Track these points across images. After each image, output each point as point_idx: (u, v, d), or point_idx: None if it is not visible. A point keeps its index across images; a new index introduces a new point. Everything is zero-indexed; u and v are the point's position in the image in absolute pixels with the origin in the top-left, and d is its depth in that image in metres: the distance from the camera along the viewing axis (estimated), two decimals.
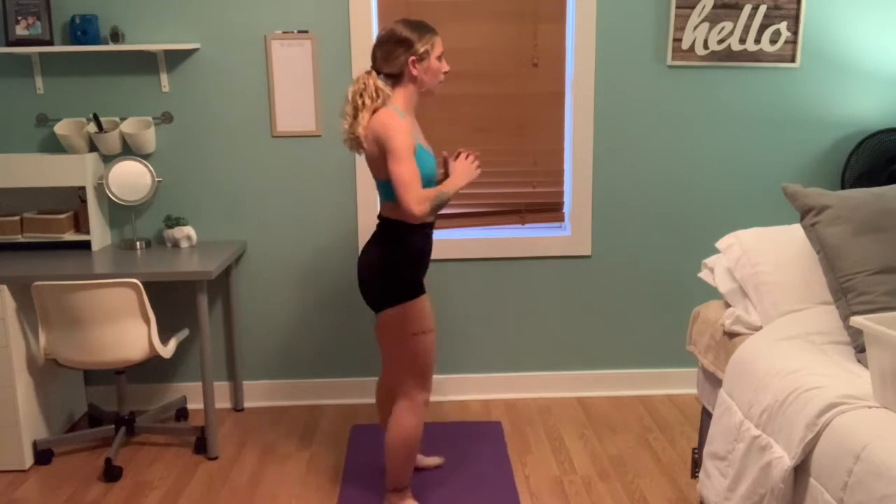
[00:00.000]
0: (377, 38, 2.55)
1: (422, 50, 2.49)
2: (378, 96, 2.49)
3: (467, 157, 2.61)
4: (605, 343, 3.80)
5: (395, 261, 2.55)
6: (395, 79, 2.54)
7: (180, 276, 3.07)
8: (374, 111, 2.49)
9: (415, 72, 2.51)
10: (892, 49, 3.61)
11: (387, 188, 2.53)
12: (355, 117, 2.50)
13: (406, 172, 2.38)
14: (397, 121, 2.43)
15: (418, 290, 2.58)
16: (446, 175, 2.73)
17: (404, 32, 2.49)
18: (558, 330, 3.77)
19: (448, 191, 2.49)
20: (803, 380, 2.01)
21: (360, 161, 3.56)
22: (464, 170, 2.58)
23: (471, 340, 3.75)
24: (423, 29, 2.51)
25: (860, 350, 2.12)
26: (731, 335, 2.53)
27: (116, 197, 3.43)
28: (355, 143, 2.53)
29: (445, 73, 2.59)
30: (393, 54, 2.49)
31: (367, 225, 3.61)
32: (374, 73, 2.53)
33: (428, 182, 2.53)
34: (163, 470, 3.15)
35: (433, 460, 3.10)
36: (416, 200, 2.37)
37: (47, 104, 3.49)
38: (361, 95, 2.49)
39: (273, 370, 3.76)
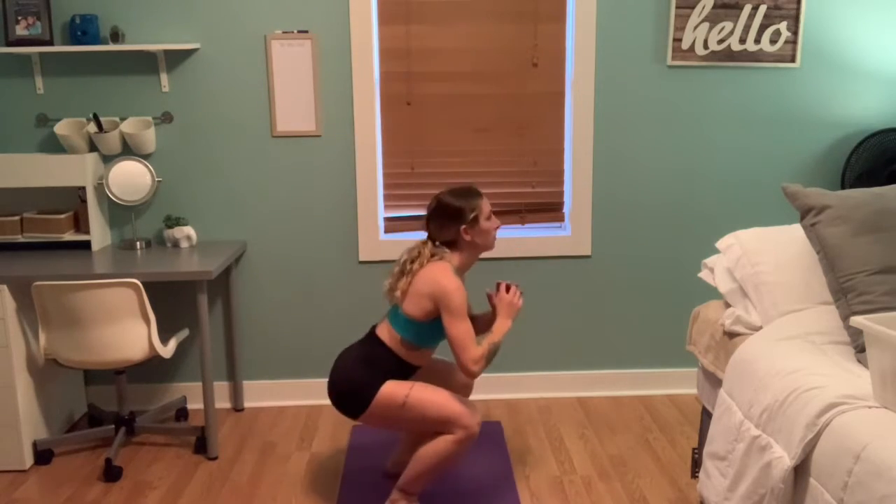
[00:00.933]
0: (428, 211, 2.68)
1: (471, 217, 2.62)
2: (433, 257, 2.63)
3: (508, 289, 2.68)
4: (605, 343, 3.80)
5: (371, 382, 2.58)
6: (450, 245, 2.67)
7: (180, 276, 3.07)
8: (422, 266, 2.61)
9: (468, 237, 2.63)
10: (892, 49, 3.61)
11: (411, 327, 2.60)
12: (399, 279, 2.63)
13: (463, 334, 2.50)
14: (452, 279, 2.54)
15: (379, 386, 2.59)
16: (493, 310, 2.76)
17: (453, 203, 2.62)
18: (558, 330, 3.77)
19: (499, 340, 2.58)
20: (803, 380, 2.01)
21: (360, 161, 3.56)
22: (509, 307, 2.65)
23: None
24: (469, 195, 2.64)
25: (860, 350, 2.12)
26: (731, 335, 2.53)
27: (116, 197, 3.43)
28: (393, 298, 2.66)
29: (497, 228, 2.69)
30: (445, 226, 2.63)
31: (366, 224, 3.61)
32: (429, 242, 2.67)
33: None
34: (163, 470, 3.15)
35: None
36: (473, 361, 2.50)
37: (47, 104, 3.49)
38: (413, 262, 2.63)
39: (273, 370, 3.76)
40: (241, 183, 3.58)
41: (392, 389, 2.56)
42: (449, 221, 2.62)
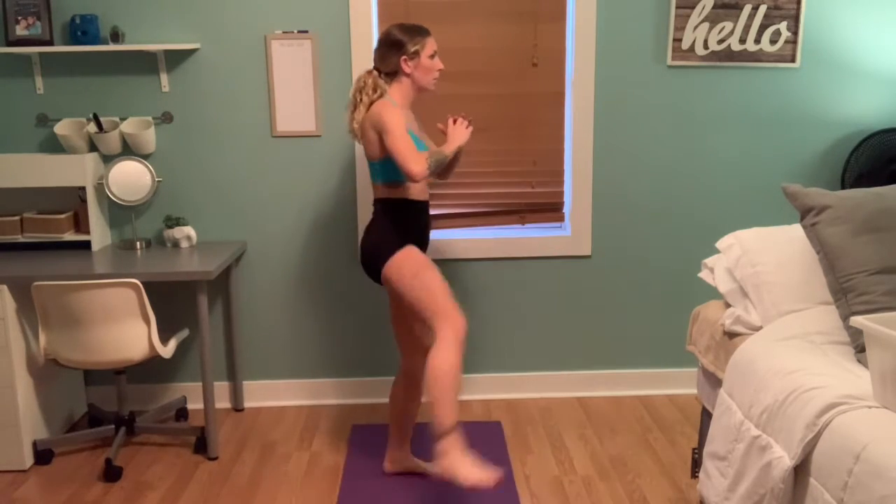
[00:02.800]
0: (377, 41, 2.81)
1: (412, 49, 2.74)
2: (375, 91, 2.76)
3: (456, 121, 2.81)
4: (605, 343, 3.80)
5: (388, 227, 2.75)
6: (392, 76, 2.79)
7: (180, 276, 3.07)
8: (371, 104, 2.74)
9: (406, 69, 2.75)
10: (892, 49, 3.61)
11: (380, 168, 2.74)
12: (353, 112, 2.78)
13: (401, 142, 2.59)
14: (389, 107, 2.66)
15: (403, 243, 2.73)
16: None
17: (396, 34, 2.75)
18: (558, 330, 3.77)
19: (445, 151, 2.72)
20: (803, 380, 2.01)
21: (360, 161, 3.56)
22: (457, 133, 2.79)
23: (471, 340, 3.75)
24: (414, 31, 2.76)
25: (860, 350, 2.12)
26: (731, 335, 2.53)
27: (116, 197, 3.43)
28: (354, 134, 2.79)
29: (440, 70, 2.81)
30: (387, 55, 2.76)
31: (366, 224, 3.60)
32: (374, 72, 2.80)
33: None
34: (163, 470, 3.15)
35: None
36: (415, 161, 2.57)
37: (47, 104, 3.49)
38: (360, 92, 2.78)
39: (273, 370, 3.76)
40: (241, 183, 3.58)
41: (415, 253, 2.72)
42: (391, 51, 2.73)
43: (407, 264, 2.70)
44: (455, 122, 2.82)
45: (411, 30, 2.76)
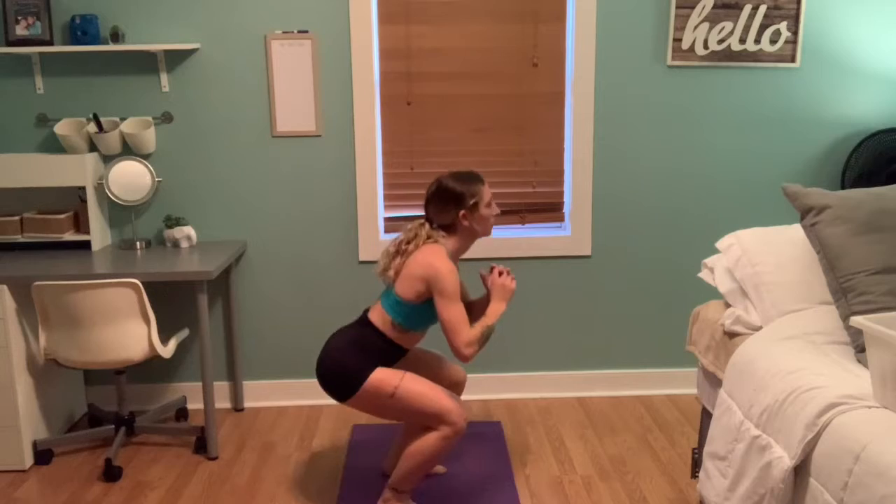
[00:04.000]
0: (428, 193, 2.67)
1: (471, 203, 2.61)
2: (427, 242, 2.62)
3: (500, 273, 2.67)
4: (604, 343, 3.80)
5: (361, 365, 2.56)
6: (448, 228, 2.66)
7: (180, 276, 3.07)
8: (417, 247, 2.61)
9: (466, 223, 2.63)
10: (892, 49, 3.61)
11: (404, 310, 2.59)
12: (394, 259, 2.63)
13: (455, 317, 2.49)
14: (446, 262, 2.53)
15: (371, 368, 2.57)
16: (487, 293, 2.76)
17: (454, 187, 2.61)
18: (558, 330, 3.77)
19: (492, 323, 2.58)
20: (803, 380, 2.01)
21: (360, 161, 3.56)
22: (502, 290, 2.65)
23: None
24: (469, 180, 2.63)
25: (860, 350, 2.12)
26: (731, 335, 2.53)
27: (116, 197, 3.43)
28: (386, 279, 2.66)
29: (496, 216, 2.70)
30: (444, 210, 2.63)
31: (366, 225, 3.61)
32: (426, 224, 2.66)
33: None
34: (163, 470, 3.15)
35: (436, 468, 3.08)
36: (466, 344, 2.50)
37: (47, 104, 3.49)
38: (409, 242, 2.63)
39: (273, 370, 3.76)
40: (241, 183, 3.58)
41: (382, 377, 2.55)
42: (448, 205, 2.61)
43: (380, 389, 2.53)
44: (499, 273, 2.66)
45: (467, 180, 2.62)
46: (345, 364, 2.56)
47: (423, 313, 2.61)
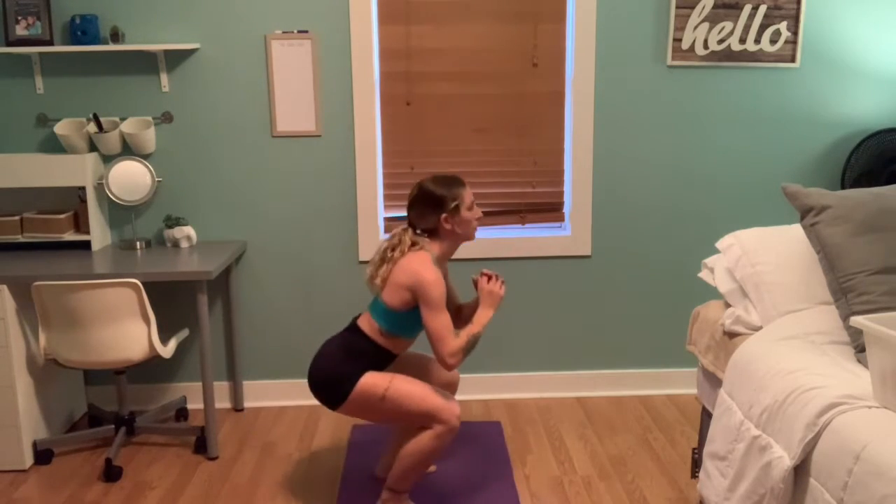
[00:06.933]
0: (409, 198, 2.65)
1: (452, 206, 2.59)
2: (411, 249, 2.59)
3: (490, 279, 2.64)
4: (604, 343, 3.80)
5: (351, 370, 2.56)
6: (431, 233, 2.64)
7: (180, 276, 3.07)
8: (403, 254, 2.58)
9: (448, 226, 2.60)
10: (892, 49, 3.61)
11: (391, 317, 2.59)
12: (380, 267, 2.62)
13: (440, 327, 2.47)
14: (431, 271, 2.50)
15: (361, 373, 2.56)
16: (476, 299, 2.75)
17: (434, 190, 2.59)
18: (558, 330, 3.77)
19: (478, 331, 2.55)
20: (803, 380, 2.01)
21: (360, 161, 3.56)
22: (490, 296, 2.62)
23: None
24: (450, 184, 2.61)
25: (860, 350, 2.12)
26: (731, 335, 2.53)
27: (116, 197, 3.43)
28: (374, 287, 2.64)
29: (479, 219, 2.66)
30: (425, 214, 2.60)
31: (366, 225, 3.61)
32: (409, 230, 2.64)
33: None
34: (163, 470, 3.15)
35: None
36: (450, 354, 2.48)
37: (47, 104, 3.49)
38: (393, 249, 2.61)
39: (273, 370, 3.76)
40: (241, 183, 3.58)
41: (372, 381, 2.54)
42: (430, 209, 2.59)
43: (370, 392, 2.52)
44: (489, 279, 2.63)
45: (448, 183, 2.60)
46: (334, 370, 2.56)
47: (411, 320, 2.61)
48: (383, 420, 2.62)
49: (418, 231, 2.65)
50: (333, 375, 2.56)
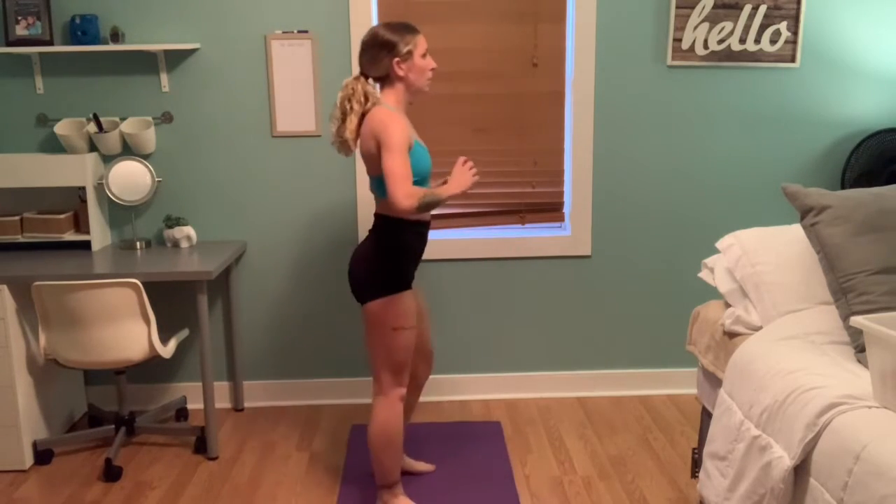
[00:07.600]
0: (361, 44, 2.58)
1: (404, 50, 2.53)
2: (367, 100, 2.55)
3: (464, 163, 2.62)
4: (604, 343, 3.80)
5: (385, 255, 2.58)
6: (383, 81, 2.59)
7: (180, 276, 3.07)
8: (364, 114, 2.55)
9: (400, 72, 2.55)
10: (892, 49, 3.61)
11: (381, 185, 2.56)
12: (343, 121, 2.56)
13: (398, 166, 2.39)
14: (393, 117, 2.47)
15: (404, 285, 2.59)
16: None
17: (385, 35, 2.52)
18: (558, 330, 3.77)
19: (440, 194, 2.49)
20: (803, 380, 2.01)
21: (360, 161, 3.56)
22: (460, 178, 2.58)
23: (471, 340, 3.75)
24: (404, 29, 2.55)
25: (860, 350, 2.12)
26: (731, 335, 2.53)
27: (116, 197, 3.43)
28: (343, 146, 2.59)
29: (433, 69, 2.62)
30: (377, 58, 2.54)
31: (366, 225, 3.61)
32: (362, 78, 2.58)
33: (423, 178, 2.57)
34: (163, 470, 3.15)
35: (424, 466, 3.08)
36: (405, 195, 2.38)
37: (47, 104, 3.49)
38: (349, 100, 2.55)
39: (273, 370, 3.76)
40: (241, 183, 3.58)
41: (407, 308, 2.58)
42: (381, 53, 2.52)
43: (392, 313, 2.56)
44: (463, 164, 2.61)
45: (401, 29, 2.54)
46: (373, 272, 2.57)
47: None
48: (369, 343, 2.63)
49: (370, 81, 2.59)
50: (374, 272, 2.57)
